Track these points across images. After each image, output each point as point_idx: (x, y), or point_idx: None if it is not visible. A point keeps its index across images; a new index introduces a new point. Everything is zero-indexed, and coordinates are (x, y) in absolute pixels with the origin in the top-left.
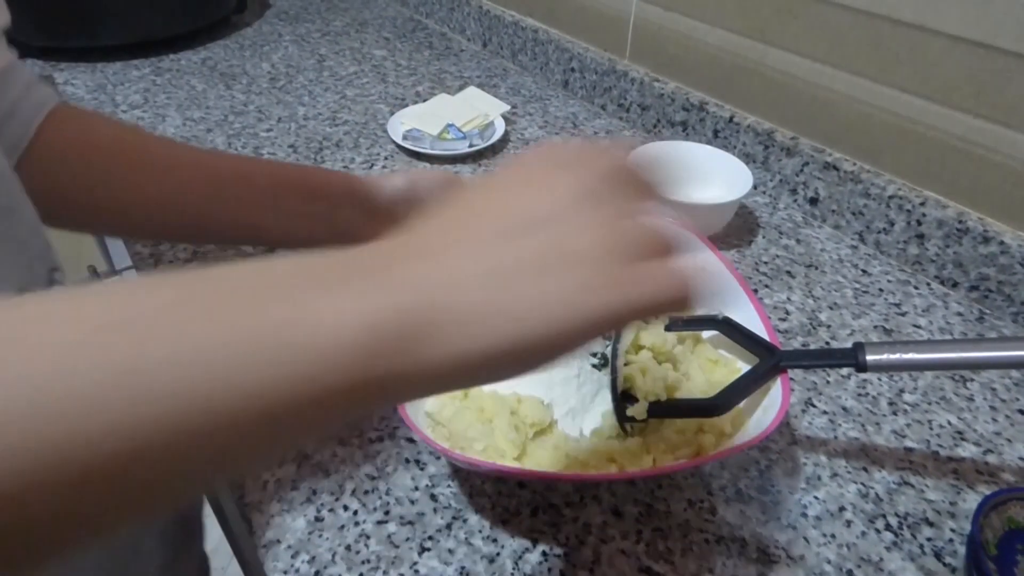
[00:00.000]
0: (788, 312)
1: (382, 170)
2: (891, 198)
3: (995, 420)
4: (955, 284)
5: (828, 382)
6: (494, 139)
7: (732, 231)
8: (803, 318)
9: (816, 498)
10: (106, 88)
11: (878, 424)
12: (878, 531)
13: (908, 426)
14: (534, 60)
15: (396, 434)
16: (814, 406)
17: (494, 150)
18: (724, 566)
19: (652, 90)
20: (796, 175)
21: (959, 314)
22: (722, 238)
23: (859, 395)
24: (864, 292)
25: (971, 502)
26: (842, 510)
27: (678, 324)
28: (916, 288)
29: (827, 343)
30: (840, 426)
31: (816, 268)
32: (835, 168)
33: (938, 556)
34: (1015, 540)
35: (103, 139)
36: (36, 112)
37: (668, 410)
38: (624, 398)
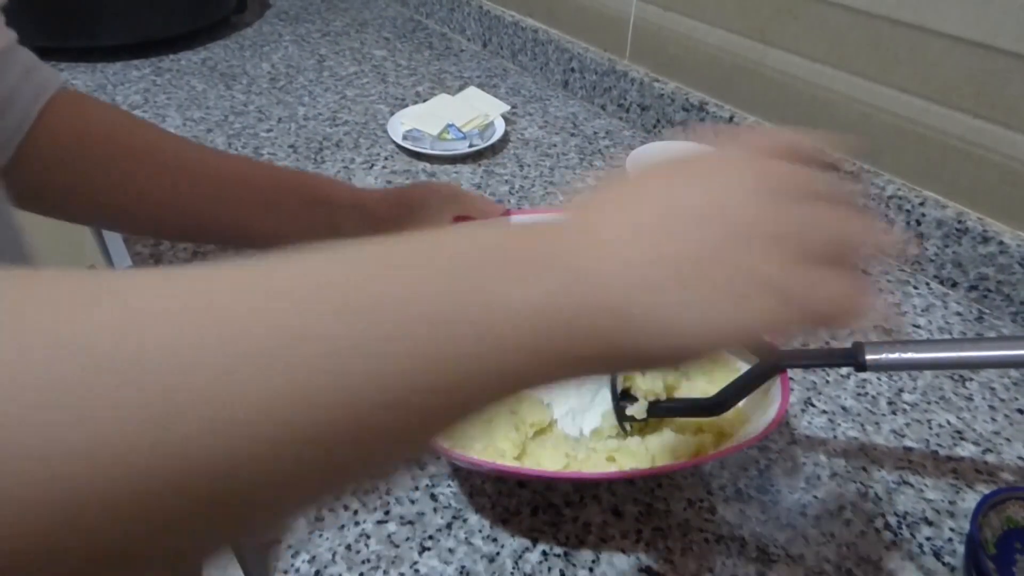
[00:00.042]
0: None
1: (382, 170)
2: (890, 198)
3: (994, 420)
4: (954, 284)
5: (827, 381)
6: (494, 139)
7: None
8: None
9: (815, 497)
10: (106, 88)
11: (877, 424)
12: (877, 530)
13: (907, 425)
14: (534, 60)
15: None
16: (813, 405)
17: (494, 150)
18: (724, 565)
19: (652, 90)
20: None
21: (958, 314)
22: None
23: (858, 395)
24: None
25: (970, 501)
26: (841, 509)
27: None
28: (915, 288)
29: (826, 342)
30: (839, 425)
31: None
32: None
33: (937, 555)
34: (1014, 539)
35: (106, 128)
36: (36, 97)
37: (668, 410)
38: (624, 397)
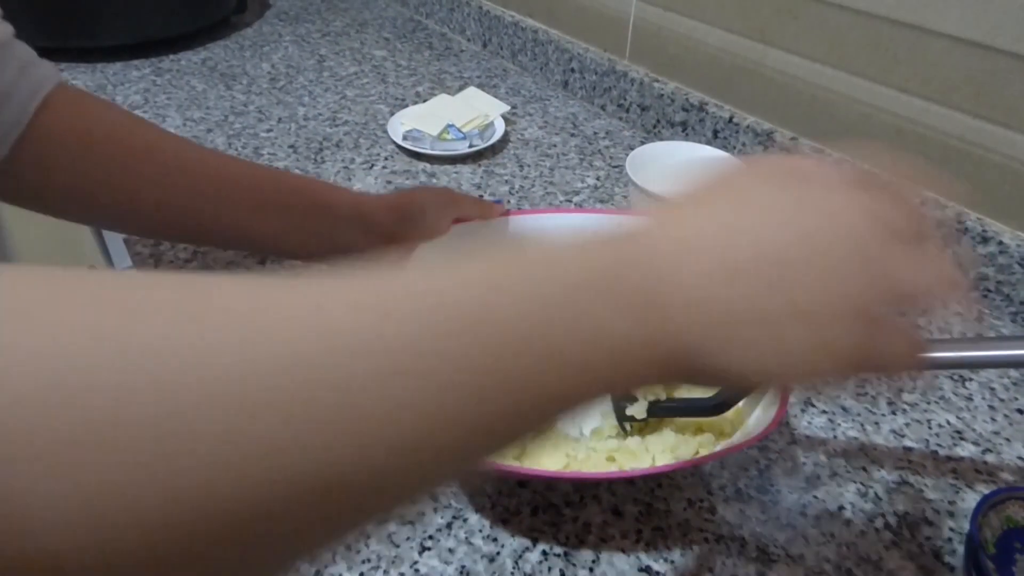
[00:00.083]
0: None
1: (382, 170)
2: None
3: (994, 420)
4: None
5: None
6: (494, 139)
7: None
8: None
9: (815, 497)
10: (106, 88)
11: (877, 423)
12: (877, 530)
13: (907, 425)
14: (534, 60)
15: None
16: (813, 405)
17: (494, 150)
18: (723, 565)
19: (652, 90)
20: None
21: (957, 313)
22: None
23: (858, 394)
24: None
25: (970, 501)
26: (841, 509)
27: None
28: None
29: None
30: (839, 425)
31: None
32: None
33: (937, 555)
34: (1013, 539)
35: (105, 127)
36: (34, 94)
37: (668, 409)
38: (624, 397)
